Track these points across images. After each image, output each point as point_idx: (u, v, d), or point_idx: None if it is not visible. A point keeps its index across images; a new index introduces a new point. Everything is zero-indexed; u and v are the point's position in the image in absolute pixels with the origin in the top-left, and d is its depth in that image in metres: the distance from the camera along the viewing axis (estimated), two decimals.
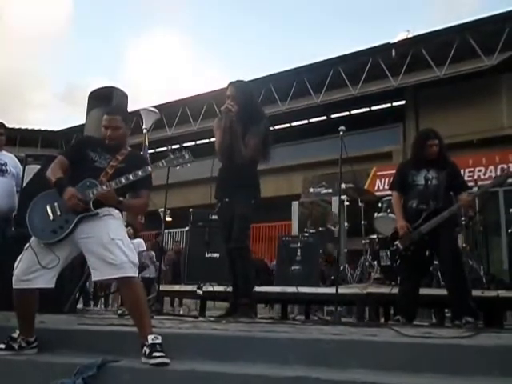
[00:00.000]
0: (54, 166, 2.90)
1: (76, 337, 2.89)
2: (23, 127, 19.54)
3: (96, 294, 9.38)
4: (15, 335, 2.74)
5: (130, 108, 5.56)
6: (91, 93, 5.14)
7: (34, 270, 2.63)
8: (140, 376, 2.40)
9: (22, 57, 63.51)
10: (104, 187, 2.71)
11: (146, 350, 2.44)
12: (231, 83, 4.04)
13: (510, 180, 4.65)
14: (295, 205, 10.69)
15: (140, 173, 2.77)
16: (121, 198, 2.79)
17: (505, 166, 10.69)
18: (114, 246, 2.59)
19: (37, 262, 2.62)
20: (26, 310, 2.73)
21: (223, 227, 4.03)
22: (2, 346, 2.71)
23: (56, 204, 2.73)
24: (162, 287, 5.22)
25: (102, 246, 2.59)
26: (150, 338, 2.48)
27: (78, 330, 3.02)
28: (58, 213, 2.71)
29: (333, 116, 16.78)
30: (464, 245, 5.66)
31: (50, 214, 2.71)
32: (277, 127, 17.65)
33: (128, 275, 2.58)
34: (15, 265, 2.66)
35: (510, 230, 5.59)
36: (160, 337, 2.50)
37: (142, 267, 8.50)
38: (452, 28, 12.64)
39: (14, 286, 2.63)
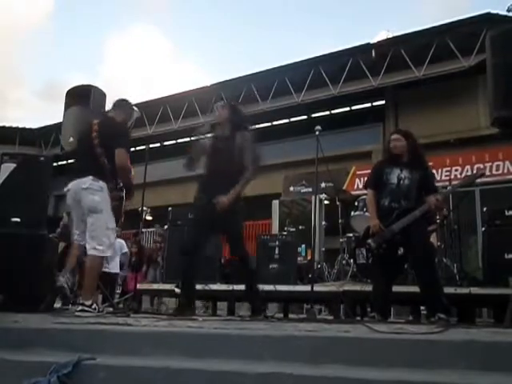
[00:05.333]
0: None
1: (51, 335, 2.87)
2: (0, 125, 19.27)
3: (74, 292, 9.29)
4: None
5: (110, 106, 5.57)
6: (69, 91, 5.13)
7: None
8: (115, 374, 2.41)
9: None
10: None
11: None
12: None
13: (479, 180, 4.75)
14: (276, 204, 10.75)
15: None
16: None
17: (481, 166, 10.91)
18: None
19: None
20: None
21: (200, 224, 4.05)
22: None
23: None
24: (140, 286, 5.21)
25: None
26: None
27: (54, 328, 3.01)
28: None
29: (313, 115, 16.86)
30: (439, 243, 5.76)
31: None
32: (258, 126, 17.70)
33: None
34: None
35: (483, 229, 5.70)
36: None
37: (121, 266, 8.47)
38: (430, 29, 12.82)
39: None
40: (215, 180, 4.02)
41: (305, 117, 17.09)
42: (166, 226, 7.03)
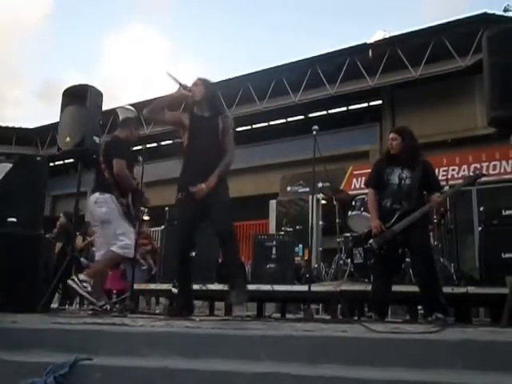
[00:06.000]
0: None
1: (48, 335, 2.87)
2: None
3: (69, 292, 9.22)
4: None
5: (107, 106, 5.57)
6: (65, 90, 5.11)
7: None
8: (112, 374, 2.40)
9: None
10: None
11: None
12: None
13: (480, 179, 4.77)
14: (273, 203, 10.75)
15: None
16: None
17: (478, 166, 10.93)
18: None
19: None
20: None
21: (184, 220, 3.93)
22: None
23: None
24: (137, 286, 5.21)
25: None
26: None
27: (51, 328, 3.00)
28: None
29: (310, 115, 16.86)
30: (435, 242, 5.77)
31: None
32: (255, 126, 17.70)
33: None
34: None
35: (480, 228, 5.71)
36: None
37: None
38: (427, 29, 12.83)
39: None
40: (195, 164, 3.83)
41: (302, 117, 17.10)
42: (162, 226, 7.02)
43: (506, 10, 12.41)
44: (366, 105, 16.42)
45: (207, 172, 3.74)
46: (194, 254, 5.91)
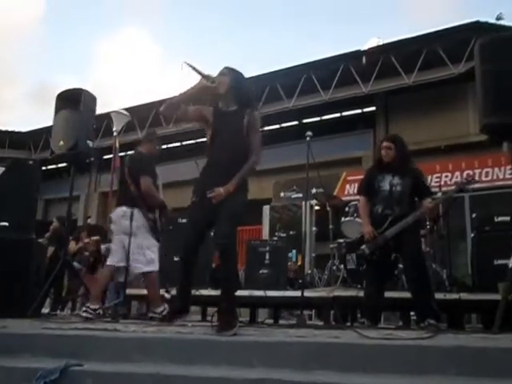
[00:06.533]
0: None
1: (39, 341, 2.85)
2: None
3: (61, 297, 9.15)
4: None
5: (101, 110, 5.56)
6: (59, 94, 5.10)
7: None
8: (102, 380, 2.39)
9: None
10: None
11: None
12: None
13: (472, 186, 4.79)
14: (266, 209, 10.74)
15: None
16: None
17: (470, 172, 10.97)
18: None
19: None
20: None
21: (193, 225, 3.61)
22: None
23: None
24: (130, 291, 5.18)
25: None
26: None
27: (41, 334, 2.98)
28: None
29: (304, 121, 16.90)
30: (428, 249, 5.79)
31: None
32: None
33: None
34: None
35: (472, 235, 5.73)
36: None
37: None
38: (420, 37, 12.91)
39: None
40: (216, 165, 3.45)
41: (296, 122, 17.12)
42: None
43: (498, 18, 12.54)
44: (359, 111, 16.47)
45: (228, 174, 3.34)
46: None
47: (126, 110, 13.23)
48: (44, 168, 16.95)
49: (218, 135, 3.47)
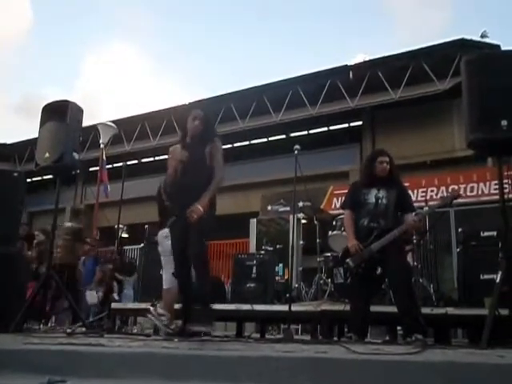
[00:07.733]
0: None
1: (21, 357, 2.78)
2: None
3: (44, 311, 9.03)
4: None
5: (88, 122, 5.52)
6: (45, 106, 5.04)
7: None
8: None
9: None
10: None
11: None
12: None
13: (456, 200, 4.82)
14: (253, 222, 10.69)
15: None
16: None
17: (456, 187, 11.07)
18: None
19: None
20: None
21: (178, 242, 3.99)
22: None
23: None
24: (115, 305, 5.11)
25: None
26: None
27: (24, 349, 2.92)
28: None
29: (292, 135, 16.98)
30: (415, 263, 5.80)
31: None
32: (236, 145, 17.74)
33: None
34: None
35: (458, 249, 5.76)
36: None
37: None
38: (407, 53, 13.11)
39: None
40: (185, 189, 3.91)
41: (283, 136, 17.20)
42: (142, 244, 6.93)
43: (483, 36, 12.76)
44: (346, 125, 16.60)
45: (198, 193, 3.80)
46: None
47: (113, 122, 13.20)
48: (29, 180, 16.78)
49: (185, 166, 3.97)
